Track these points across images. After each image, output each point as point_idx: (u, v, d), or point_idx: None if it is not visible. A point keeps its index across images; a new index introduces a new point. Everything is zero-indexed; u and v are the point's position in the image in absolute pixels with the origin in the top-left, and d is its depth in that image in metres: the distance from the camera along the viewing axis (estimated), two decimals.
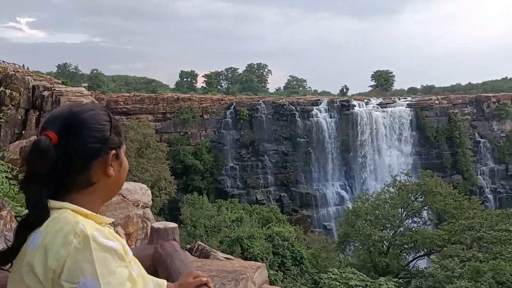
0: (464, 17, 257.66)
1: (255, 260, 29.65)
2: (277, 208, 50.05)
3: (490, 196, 67.67)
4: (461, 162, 66.57)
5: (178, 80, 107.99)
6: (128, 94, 62.75)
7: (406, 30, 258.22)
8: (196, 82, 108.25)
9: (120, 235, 1.83)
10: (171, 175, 42.42)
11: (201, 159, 57.85)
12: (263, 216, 41.57)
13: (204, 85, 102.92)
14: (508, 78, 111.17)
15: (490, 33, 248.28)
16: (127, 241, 1.84)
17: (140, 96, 61.13)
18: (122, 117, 55.42)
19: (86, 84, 69.82)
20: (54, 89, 34.90)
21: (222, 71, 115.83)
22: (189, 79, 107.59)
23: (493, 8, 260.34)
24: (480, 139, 72.24)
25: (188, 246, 12.34)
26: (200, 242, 11.80)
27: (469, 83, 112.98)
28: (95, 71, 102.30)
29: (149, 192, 12.69)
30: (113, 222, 1.84)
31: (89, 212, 1.71)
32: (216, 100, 64.28)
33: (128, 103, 58.01)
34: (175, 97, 62.04)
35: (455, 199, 37.90)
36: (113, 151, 1.80)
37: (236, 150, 61.96)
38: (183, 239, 32.91)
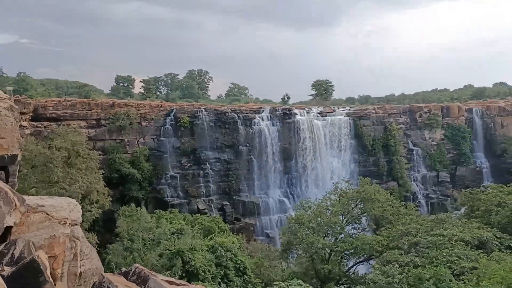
0: (395, 31, 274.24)
1: (197, 273, 28.38)
2: (220, 217, 49.21)
3: (423, 202, 71.55)
4: (396, 169, 69.88)
5: (113, 85, 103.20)
6: (58, 99, 58.44)
7: (342, 42, 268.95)
8: (133, 88, 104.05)
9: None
10: (105, 186, 39.76)
11: (139, 167, 55.39)
12: (205, 226, 40.51)
13: (142, 90, 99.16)
14: (437, 89, 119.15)
15: (420, 47, 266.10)
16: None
17: (71, 101, 57.21)
18: (52, 123, 51.74)
19: (11, 88, 64.46)
20: None
21: (161, 76, 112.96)
22: (125, 84, 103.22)
23: (422, 23, 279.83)
24: (413, 147, 76.44)
25: (124, 269, 10.90)
26: (137, 265, 10.47)
27: (402, 93, 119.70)
28: (22, 74, 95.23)
29: (79, 207, 11.19)
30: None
31: None
32: (155, 106, 61.96)
33: (58, 108, 54.06)
34: (111, 102, 58.93)
35: (392, 205, 39.13)
36: None
37: (177, 158, 60.12)
38: (119, 253, 30.84)
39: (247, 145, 62.45)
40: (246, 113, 63.92)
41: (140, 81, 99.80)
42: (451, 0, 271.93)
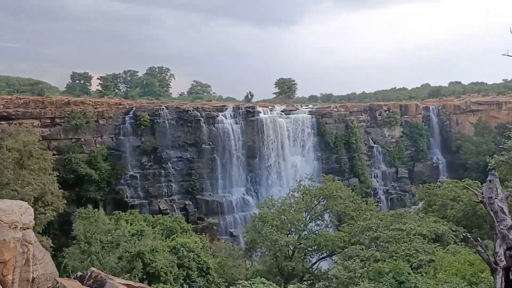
0: (356, 31, 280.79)
1: (158, 275, 27.64)
2: (182, 217, 48.40)
3: (383, 197, 73.75)
4: (358, 166, 71.53)
5: (69, 82, 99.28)
6: (9, 97, 55.60)
7: (304, 41, 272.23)
8: (90, 85, 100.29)
9: None
10: (59, 188, 38.11)
11: (97, 167, 53.59)
12: (167, 226, 39.60)
13: (99, 88, 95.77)
14: (396, 88, 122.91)
15: (379, 47, 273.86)
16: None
17: (24, 99, 54.58)
18: (2, 123, 49.13)
19: None
20: None
21: (120, 73, 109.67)
22: (82, 82, 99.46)
23: (382, 24, 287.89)
24: (373, 145, 78.67)
25: (79, 273, 10.28)
26: (93, 269, 9.88)
27: (363, 92, 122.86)
28: None
29: (31, 210, 10.48)
30: None
31: None
32: (113, 104, 60.09)
33: (9, 106, 51.55)
34: (66, 100, 56.64)
35: (354, 201, 39.84)
36: None
37: (137, 157, 58.65)
38: (76, 257, 29.53)
39: (210, 143, 61.87)
40: (209, 111, 63.31)
41: (98, 78, 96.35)
42: (409, 3, 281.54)
